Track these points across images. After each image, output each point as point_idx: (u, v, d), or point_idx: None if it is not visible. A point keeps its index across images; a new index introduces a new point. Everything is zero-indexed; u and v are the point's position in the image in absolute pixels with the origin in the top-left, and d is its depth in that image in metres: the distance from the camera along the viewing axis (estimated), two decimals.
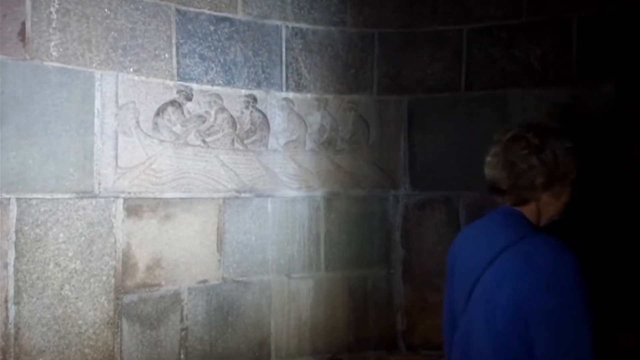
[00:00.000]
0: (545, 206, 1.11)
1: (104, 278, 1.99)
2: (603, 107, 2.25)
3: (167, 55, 2.16)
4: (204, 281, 2.22)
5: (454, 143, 2.46)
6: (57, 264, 1.90)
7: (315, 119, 2.46)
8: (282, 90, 2.41)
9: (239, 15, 2.32)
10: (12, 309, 1.80)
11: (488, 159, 1.13)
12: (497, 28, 2.43)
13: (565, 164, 1.08)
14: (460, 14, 2.47)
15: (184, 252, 2.17)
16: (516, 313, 0.99)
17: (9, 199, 1.82)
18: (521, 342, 0.98)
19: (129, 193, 2.06)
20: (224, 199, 2.27)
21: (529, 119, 2.35)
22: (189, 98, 2.21)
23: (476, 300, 1.09)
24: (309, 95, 2.46)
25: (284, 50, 2.41)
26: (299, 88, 2.44)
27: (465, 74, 2.47)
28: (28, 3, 1.86)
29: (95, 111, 1.99)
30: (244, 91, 2.33)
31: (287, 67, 2.42)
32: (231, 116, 2.30)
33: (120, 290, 2.02)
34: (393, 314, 2.50)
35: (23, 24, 1.86)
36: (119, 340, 2.00)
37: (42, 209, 1.87)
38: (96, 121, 1.99)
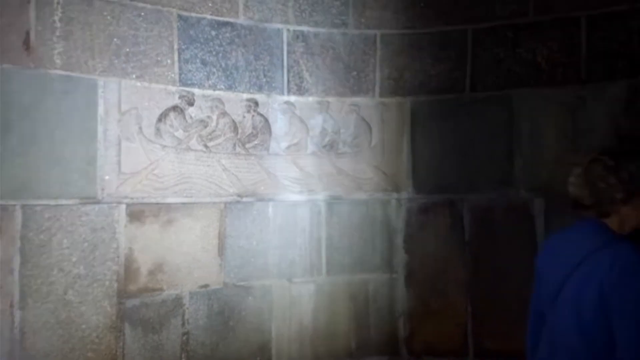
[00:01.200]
0: (626, 217, 1.28)
1: (107, 283, 2.02)
2: (613, 108, 2.18)
3: (169, 61, 2.17)
4: (206, 286, 2.24)
5: (458, 145, 2.41)
6: (61, 269, 1.94)
7: (317, 122, 2.45)
8: (283, 93, 2.40)
9: (241, 20, 2.32)
10: (18, 314, 1.84)
11: (571, 179, 1.32)
12: (503, 27, 2.37)
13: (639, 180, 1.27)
14: (465, 13, 2.42)
15: (186, 256, 2.19)
16: (602, 306, 1.17)
17: (15, 205, 1.86)
18: (605, 332, 1.17)
19: (132, 198, 2.08)
20: (226, 203, 2.28)
21: (535, 119, 2.31)
22: (190, 103, 2.22)
23: (564, 298, 1.26)
24: (310, 99, 2.44)
25: (285, 53, 2.40)
26: (300, 91, 2.43)
27: (470, 74, 2.41)
28: (32, 12, 1.90)
29: (99, 118, 2.02)
30: (245, 95, 2.33)
31: (288, 71, 2.41)
32: (233, 120, 2.30)
33: (122, 294, 2.04)
34: (395, 320, 2.46)
35: (27, 32, 1.89)
36: (121, 344, 2.03)
37: (46, 215, 1.91)
38: (99, 128, 2.02)
